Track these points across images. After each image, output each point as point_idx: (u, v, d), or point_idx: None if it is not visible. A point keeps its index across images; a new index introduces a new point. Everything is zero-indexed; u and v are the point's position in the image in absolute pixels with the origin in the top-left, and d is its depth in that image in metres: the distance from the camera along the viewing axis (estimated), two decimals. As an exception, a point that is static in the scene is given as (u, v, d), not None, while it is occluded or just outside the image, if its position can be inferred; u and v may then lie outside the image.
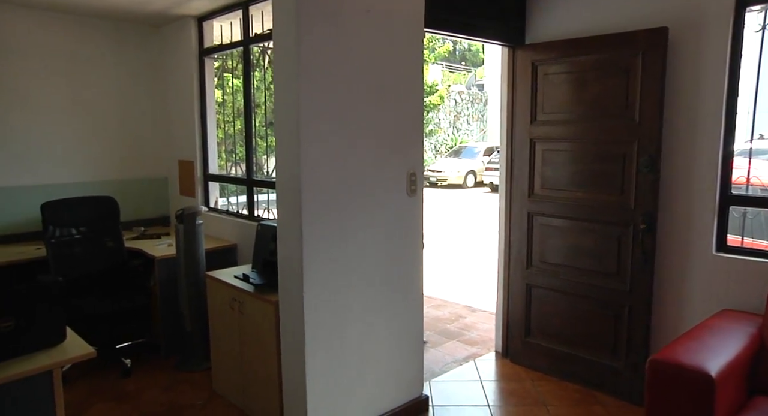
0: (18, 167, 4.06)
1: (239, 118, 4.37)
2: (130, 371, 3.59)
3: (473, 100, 23.58)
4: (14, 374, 1.86)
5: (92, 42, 4.35)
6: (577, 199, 3.36)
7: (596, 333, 3.32)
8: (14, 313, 1.93)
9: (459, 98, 23.01)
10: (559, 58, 3.39)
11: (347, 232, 2.67)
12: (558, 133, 3.43)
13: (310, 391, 2.58)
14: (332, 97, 2.54)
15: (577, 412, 3.10)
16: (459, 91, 23.51)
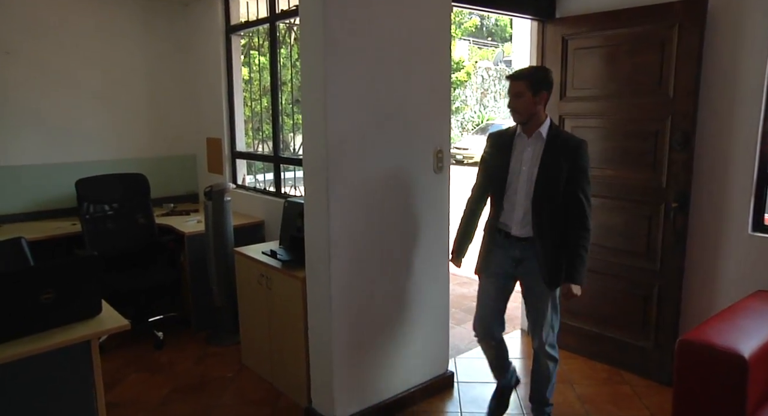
0: (53, 145, 4.16)
1: (265, 95, 4.38)
2: (163, 343, 3.70)
3: (500, 76, 23.14)
4: (56, 343, 1.94)
5: (121, 21, 4.39)
6: (606, 177, 3.30)
7: (624, 313, 3.29)
8: (55, 285, 1.99)
9: (486, 75, 22.63)
10: (590, 32, 3.29)
11: (373, 209, 2.67)
12: (588, 109, 3.36)
13: (336, 365, 2.62)
14: (359, 74, 2.52)
15: (604, 391, 3.09)
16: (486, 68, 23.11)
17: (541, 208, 2.42)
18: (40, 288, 1.96)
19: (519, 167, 2.47)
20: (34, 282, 1.97)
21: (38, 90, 4.05)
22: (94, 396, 2.09)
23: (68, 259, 2.80)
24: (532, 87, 2.37)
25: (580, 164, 2.38)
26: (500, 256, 2.60)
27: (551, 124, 2.46)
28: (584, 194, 2.39)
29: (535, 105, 2.39)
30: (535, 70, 2.49)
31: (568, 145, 2.40)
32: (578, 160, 2.38)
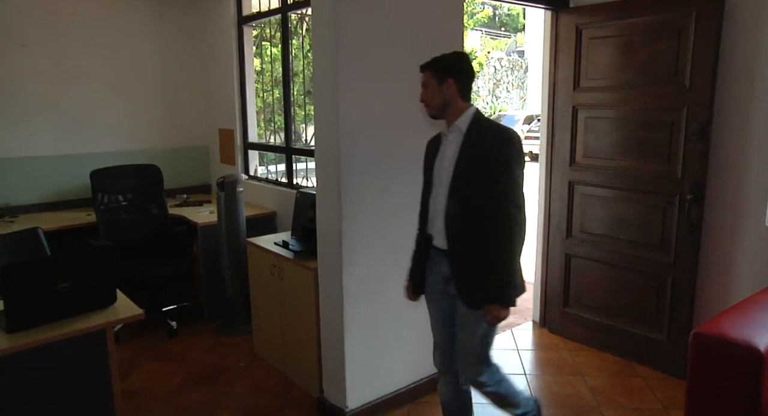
0: (68, 136, 4.20)
1: (277, 86, 4.38)
2: (176, 333, 3.75)
3: (513, 67, 22.99)
4: (72, 331, 1.98)
5: (135, 12, 4.41)
6: (620, 168, 3.26)
7: (637, 305, 3.27)
8: (71, 275, 2.02)
9: (498, 65, 22.48)
10: (605, 22, 3.25)
11: (385, 200, 2.67)
12: (602, 99, 3.32)
13: (348, 356, 2.64)
14: (371, 64, 2.51)
15: (616, 383, 3.08)
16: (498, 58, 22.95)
17: (454, 214, 2.07)
18: (57, 278, 2.00)
19: (440, 168, 2.15)
20: (51, 272, 2.01)
21: (54, 82, 4.09)
22: (110, 383, 2.13)
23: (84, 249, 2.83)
24: (436, 75, 2.08)
25: (503, 161, 1.98)
26: (433, 273, 2.22)
27: (474, 116, 2.09)
28: (509, 197, 1.99)
29: (442, 95, 2.07)
30: (440, 56, 2.14)
31: (490, 139, 2.03)
32: (501, 157, 1.98)
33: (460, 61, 2.13)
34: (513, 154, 2.00)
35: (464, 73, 2.11)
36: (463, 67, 2.12)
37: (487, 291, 2.04)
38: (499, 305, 2.02)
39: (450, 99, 2.08)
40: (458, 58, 2.14)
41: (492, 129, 2.08)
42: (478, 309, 2.08)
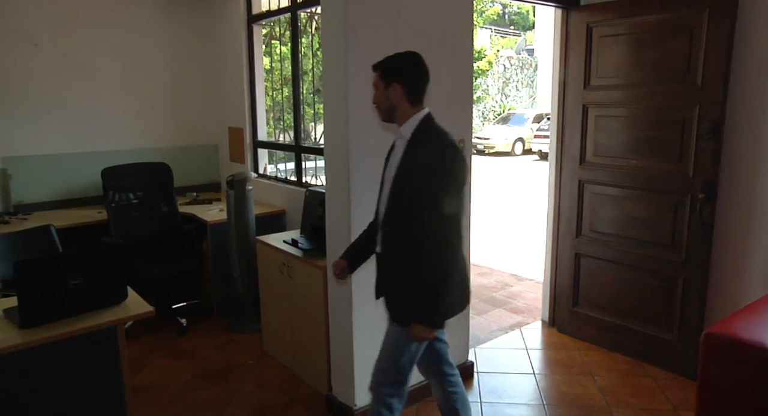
0: (80, 134, 4.23)
1: (286, 85, 4.39)
2: (186, 330, 3.77)
3: (523, 65, 22.89)
4: (83, 327, 1.99)
5: (145, 11, 4.43)
6: (631, 167, 3.24)
7: (647, 305, 3.25)
8: (83, 272, 2.04)
9: (508, 64, 22.38)
10: (616, 20, 3.23)
11: (394, 199, 2.67)
12: (613, 98, 3.30)
13: (357, 354, 2.64)
14: (380, 63, 2.51)
15: (626, 383, 3.07)
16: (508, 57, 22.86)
17: (388, 225, 1.99)
18: (69, 274, 2.01)
19: (387, 175, 2.05)
20: (63, 268, 2.03)
21: (66, 80, 4.12)
22: (121, 379, 2.15)
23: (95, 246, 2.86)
24: (383, 77, 1.97)
25: (433, 173, 1.85)
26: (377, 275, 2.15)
27: (420, 123, 1.96)
28: (437, 216, 1.84)
29: (388, 98, 1.96)
30: (390, 57, 2.01)
31: (425, 151, 1.90)
32: (429, 172, 1.85)
33: (408, 63, 1.99)
34: (441, 167, 1.86)
35: (412, 75, 1.98)
36: (412, 69, 1.99)
37: (412, 309, 1.93)
38: (422, 325, 1.92)
39: (396, 103, 1.96)
40: (407, 59, 2.00)
41: (431, 140, 1.93)
42: (402, 325, 1.99)
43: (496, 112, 21.42)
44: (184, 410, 2.86)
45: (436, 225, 1.86)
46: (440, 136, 1.96)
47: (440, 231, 1.86)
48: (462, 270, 2.05)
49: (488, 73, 20.73)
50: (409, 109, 1.97)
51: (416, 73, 1.99)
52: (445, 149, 1.90)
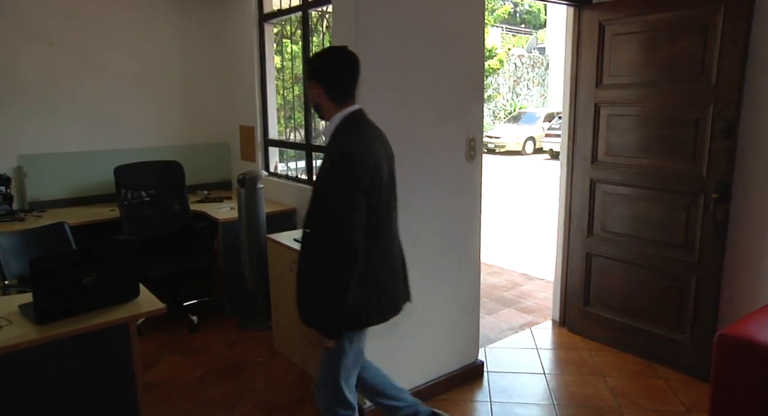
0: (93, 133, 4.27)
1: (297, 83, 4.40)
2: (197, 327, 3.79)
3: (534, 64, 22.78)
4: (96, 324, 2.01)
5: (158, 11, 4.46)
6: (643, 167, 3.22)
7: (660, 305, 3.22)
8: (96, 269, 2.06)
9: (519, 62, 22.29)
10: (629, 18, 3.20)
11: (405, 197, 2.66)
12: (625, 97, 3.27)
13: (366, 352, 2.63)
14: (391, 61, 2.51)
15: (637, 384, 3.04)
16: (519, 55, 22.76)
17: (304, 228, 1.96)
18: (83, 271, 2.03)
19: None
20: (77, 265, 2.05)
21: (80, 79, 4.16)
22: (133, 375, 2.17)
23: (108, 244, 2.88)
24: (308, 76, 1.94)
25: (324, 181, 1.83)
26: None
27: (341, 121, 1.90)
28: (324, 216, 1.82)
29: (313, 97, 1.92)
30: (314, 54, 1.97)
31: (331, 151, 1.88)
32: (324, 176, 1.84)
33: (324, 60, 1.93)
34: (336, 172, 1.80)
35: (329, 73, 1.90)
36: (328, 66, 1.91)
37: (312, 315, 1.91)
38: (320, 333, 1.90)
39: (318, 101, 1.92)
40: (324, 57, 1.95)
41: (336, 141, 1.88)
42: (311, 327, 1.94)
43: (506, 111, 21.34)
44: (195, 407, 2.88)
45: (332, 231, 1.79)
46: (346, 138, 1.88)
47: (341, 230, 1.78)
48: (381, 279, 1.96)
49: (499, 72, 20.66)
50: (333, 108, 1.91)
51: (334, 71, 1.90)
52: (342, 153, 1.82)
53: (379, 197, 1.87)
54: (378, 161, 1.87)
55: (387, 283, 1.99)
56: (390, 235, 1.99)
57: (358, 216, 1.79)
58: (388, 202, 1.96)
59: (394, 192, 2.01)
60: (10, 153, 3.93)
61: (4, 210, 3.65)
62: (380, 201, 1.88)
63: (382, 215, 1.92)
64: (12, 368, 1.89)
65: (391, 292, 2.02)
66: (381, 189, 1.87)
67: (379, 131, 2.01)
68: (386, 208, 1.95)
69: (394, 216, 2.02)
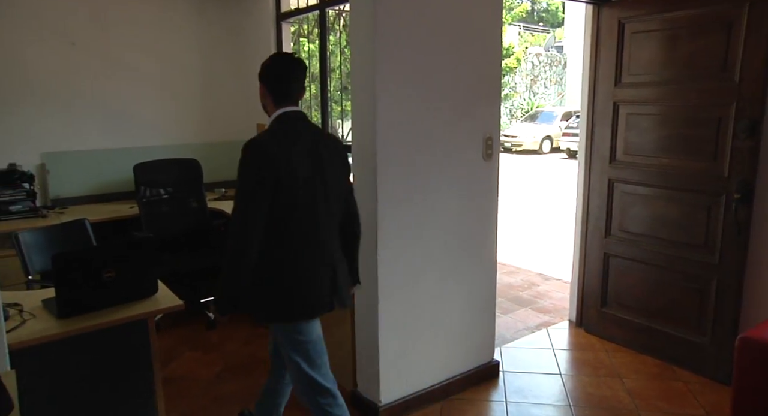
0: (114, 131, 4.33)
1: (314, 82, 4.42)
2: (215, 324, 3.83)
3: (551, 62, 22.59)
4: (116, 319, 2.04)
5: (177, 10, 4.50)
6: (663, 166, 3.18)
7: (679, 307, 3.18)
8: (116, 265, 2.09)
9: (536, 61, 22.12)
10: (649, 15, 3.16)
11: (422, 196, 2.67)
12: (645, 95, 3.23)
13: (382, 351, 2.65)
14: (408, 60, 2.51)
15: (655, 386, 3.01)
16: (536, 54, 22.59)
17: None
18: (104, 267, 2.06)
19: None
20: (97, 261, 2.08)
21: (100, 78, 4.22)
22: (151, 370, 2.20)
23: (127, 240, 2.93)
24: (258, 76, 2.10)
25: (240, 171, 1.96)
26: None
27: (272, 121, 2.05)
28: (236, 209, 1.95)
29: (260, 97, 2.10)
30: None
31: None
32: (239, 167, 1.96)
33: (270, 64, 2.09)
34: (240, 162, 1.95)
35: (270, 76, 2.06)
36: (272, 69, 2.07)
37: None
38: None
39: (263, 101, 2.10)
40: (270, 60, 2.10)
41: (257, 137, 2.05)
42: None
43: (523, 110, 21.19)
44: (212, 402, 2.91)
45: (236, 211, 1.94)
46: (266, 134, 2.03)
47: (237, 215, 1.93)
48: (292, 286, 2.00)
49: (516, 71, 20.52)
50: (273, 107, 2.07)
51: (275, 74, 2.06)
52: (246, 145, 1.96)
53: (290, 196, 1.93)
54: (291, 159, 1.94)
55: (298, 290, 2.01)
56: (307, 240, 2.00)
57: (255, 207, 1.90)
58: (308, 206, 1.98)
59: (326, 197, 2.03)
60: (34, 150, 4.00)
61: (27, 207, 3.72)
62: (291, 199, 1.93)
63: (296, 216, 1.96)
64: (35, 361, 1.92)
65: (302, 297, 2.03)
66: (292, 188, 1.92)
67: (319, 135, 2.10)
68: (303, 211, 1.97)
69: (322, 221, 2.03)
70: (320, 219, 2.02)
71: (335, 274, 2.09)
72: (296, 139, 2.00)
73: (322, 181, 2.01)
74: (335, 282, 2.09)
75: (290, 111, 2.05)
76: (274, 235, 1.95)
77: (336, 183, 2.08)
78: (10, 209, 3.65)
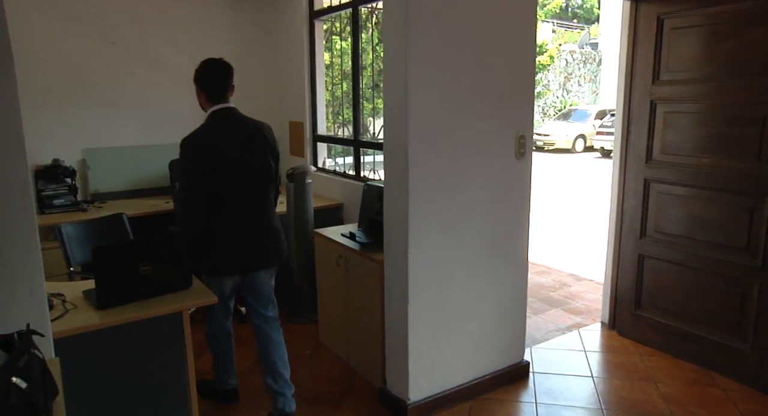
0: (151, 127, 4.43)
1: (346, 80, 4.44)
2: (246, 318, 3.88)
3: (586, 60, 22.17)
4: (152, 312, 2.09)
5: (213, 9, 4.58)
6: (702, 166, 3.09)
7: (718, 311, 3.09)
8: (152, 258, 2.14)
9: (570, 58, 21.74)
10: (690, 11, 3.07)
11: (453, 194, 2.66)
12: (684, 93, 3.15)
13: (412, 349, 2.65)
14: (441, 57, 2.50)
15: (692, 392, 2.93)
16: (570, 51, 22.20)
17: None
18: (140, 260, 2.12)
19: None
20: (135, 255, 2.13)
21: (138, 76, 4.32)
22: (185, 362, 2.24)
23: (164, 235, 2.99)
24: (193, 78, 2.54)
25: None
26: None
27: (207, 117, 2.51)
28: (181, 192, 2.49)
29: (197, 96, 2.56)
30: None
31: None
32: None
33: (201, 67, 2.52)
34: (178, 159, 2.46)
35: (203, 77, 2.49)
36: (203, 72, 2.50)
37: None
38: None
39: (199, 100, 2.56)
40: (200, 66, 2.53)
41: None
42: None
43: (556, 108, 20.86)
44: (242, 395, 2.95)
45: (181, 205, 2.60)
46: (199, 128, 2.49)
47: (182, 211, 2.57)
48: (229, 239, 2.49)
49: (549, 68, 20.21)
50: (207, 105, 2.53)
51: (205, 75, 2.50)
52: (180, 145, 2.42)
53: (216, 177, 2.40)
54: (217, 147, 2.42)
55: (234, 248, 2.50)
56: (239, 213, 2.49)
57: (191, 190, 2.41)
58: (236, 185, 2.45)
59: (247, 175, 2.48)
60: (76, 147, 4.13)
61: (69, 201, 3.84)
62: (219, 180, 2.41)
63: (226, 195, 2.44)
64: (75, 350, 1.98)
65: (240, 253, 2.52)
66: (219, 171, 2.40)
67: (247, 126, 2.55)
68: (231, 189, 2.45)
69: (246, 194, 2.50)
70: (246, 195, 2.49)
71: (263, 238, 2.56)
72: (225, 132, 2.47)
73: (249, 164, 2.48)
74: (263, 245, 2.57)
75: (221, 108, 2.51)
76: (213, 208, 2.42)
77: (263, 164, 2.53)
78: (54, 203, 3.78)
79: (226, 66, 2.52)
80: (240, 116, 2.57)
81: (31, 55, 3.85)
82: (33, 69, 3.86)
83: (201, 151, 2.39)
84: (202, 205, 2.39)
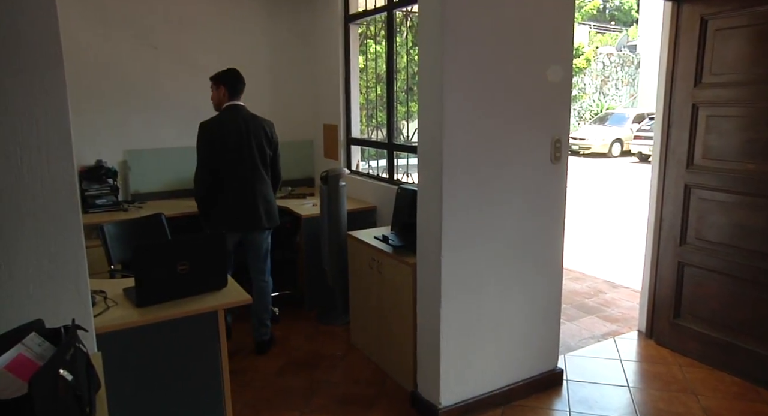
0: (189, 129, 4.47)
1: (379, 83, 4.45)
2: (279, 318, 3.93)
3: (623, 62, 21.73)
4: (189, 310, 2.14)
5: (250, 14, 4.66)
6: (747, 172, 2.99)
7: (763, 322, 2.98)
8: (189, 258, 2.19)
9: (607, 61, 21.34)
10: (736, 10, 2.98)
11: (487, 198, 2.64)
12: (728, 96, 3.05)
13: (443, 353, 2.64)
14: (476, 60, 2.49)
15: (735, 407, 2.83)
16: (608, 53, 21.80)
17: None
18: (178, 260, 2.17)
19: None
20: (173, 254, 2.18)
21: (178, 80, 4.43)
22: (219, 361, 2.28)
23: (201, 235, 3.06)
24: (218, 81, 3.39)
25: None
26: None
27: (222, 110, 3.35)
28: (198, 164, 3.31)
29: (217, 94, 3.39)
30: (220, 72, 3.40)
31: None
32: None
33: (226, 73, 3.38)
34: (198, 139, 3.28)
35: (229, 81, 3.36)
36: (229, 77, 3.36)
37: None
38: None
39: (220, 97, 3.38)
40: (226, 71, 3.38)
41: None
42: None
43: (593, 112, 20.50)
44: (275, 395, 2.99)
45: (196, 175, 3.32)
46: (213, 117, 3.33)
47: (196, 180, 3.33)
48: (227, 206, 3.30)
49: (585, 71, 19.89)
50: (227, 100, 3.34)
51: (231, 79, 3.35)
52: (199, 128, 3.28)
53: (223, 155, 3.23)
54: (224, 131, 3.24)
55: (231, 209, 3.30)
56: (237, 182, 3.28)
57: (202, 164, 3.27)
58: (236, 161, 3.27)
59: (246, 154, 3.29)
60: (117, 148, 4.26)
61: (111, 201, 3.96)
62: (224, 157, 3.24)
63: (227, 167, 3.26)
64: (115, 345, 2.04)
65: (235, 213, 3.30)
66: (223, 150, 3.23)
67: (251, 118, 3.35)
68: (232, 164, 3.26)
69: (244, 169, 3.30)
70: (244, 170, 3.28)
71: (257, 204, 3.32)
72: (234, 120, 3.27)
73: (248, 146, 3.28)
74: (257, 211, 3.32)
75: (234, 104, 3.33)
76: (217, 178, 3.25)
77: (260, 148, 3.33)
78: (97, 202, 3.90)
79: (241, 75, 3.39)
80: (246, 111, 3.36)
81: (76, 59, 3.98)
82: (76, 72, 3.99)
83: (211, 132, 3.22)
84: (209, 173, 3.24)
